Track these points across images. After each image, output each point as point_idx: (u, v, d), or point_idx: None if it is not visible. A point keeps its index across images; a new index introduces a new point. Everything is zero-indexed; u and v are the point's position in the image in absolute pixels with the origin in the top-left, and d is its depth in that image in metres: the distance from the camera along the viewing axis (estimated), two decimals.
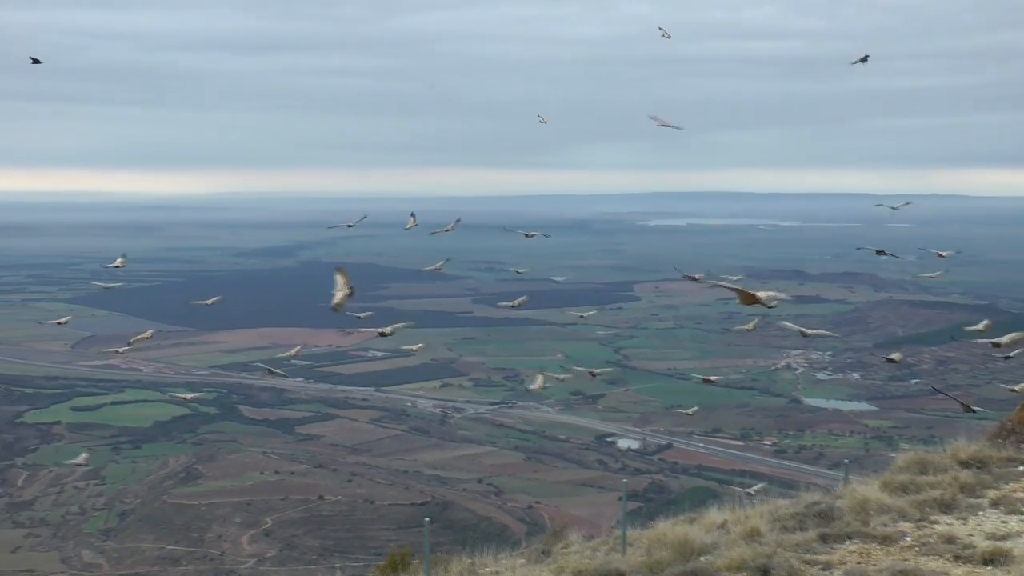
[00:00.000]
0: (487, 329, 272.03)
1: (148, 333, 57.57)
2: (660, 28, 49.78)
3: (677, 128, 37.80)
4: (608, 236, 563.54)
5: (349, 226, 48.29)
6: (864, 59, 38.54)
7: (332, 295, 28.06)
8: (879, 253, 52.33)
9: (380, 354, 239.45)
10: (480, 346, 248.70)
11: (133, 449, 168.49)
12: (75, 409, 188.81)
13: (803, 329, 44.19)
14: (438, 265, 52.77)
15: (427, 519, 24.63)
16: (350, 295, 28.47)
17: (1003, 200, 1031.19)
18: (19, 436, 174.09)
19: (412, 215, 48.29)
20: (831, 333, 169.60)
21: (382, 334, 47.35)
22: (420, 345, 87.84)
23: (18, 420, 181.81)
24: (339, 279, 28.39)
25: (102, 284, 67.99)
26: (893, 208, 53.26)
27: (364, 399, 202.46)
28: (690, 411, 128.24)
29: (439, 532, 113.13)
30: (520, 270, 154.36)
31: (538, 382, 56.70)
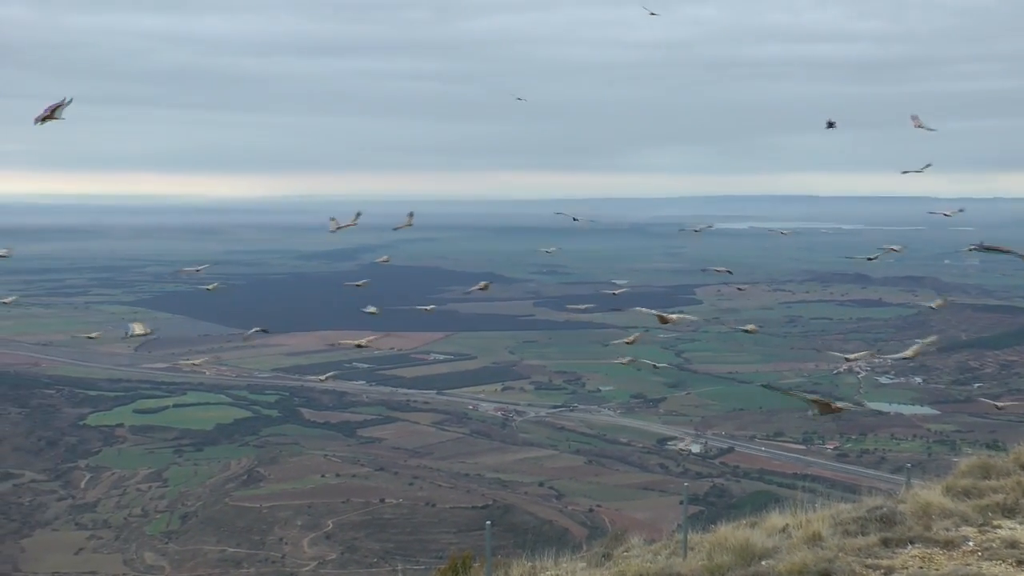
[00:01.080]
0: (548, 332, 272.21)
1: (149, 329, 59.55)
2: (644, 7, 48.56)
3: (931, 130, 37.88)
4: (669, 239, 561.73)
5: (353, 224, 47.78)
6: (831, 125, 38.61)
7: (130, 331, 41.50)
8: (870, 259, 52.59)
9: (441, 357, 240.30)
10: (542, 349, 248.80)
11: (195, 452, 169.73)
12: (138, 412, 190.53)
13: (846, 356, 44.77)
14: (347, 223, 50.50)
15: (488, 522, 24.63)
16: (149, 333, 43.21)
17: None
18: (82, 438, 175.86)
19: (334, 219, 48.08)
20: (868, 351, 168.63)
21: (359, 345, 48.96)
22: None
23: (81, 422, 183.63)
24: (134, 325, 42.51)
25: (191, 269, 67.53)
26: (947, 215, 53.36)
27: (425, 402, 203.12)
28: (625, 357, 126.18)
29: (500, 535, 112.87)
30: (548, 249, 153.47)
31: (137, 329, 56.56)
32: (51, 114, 29.85)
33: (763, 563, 19.25)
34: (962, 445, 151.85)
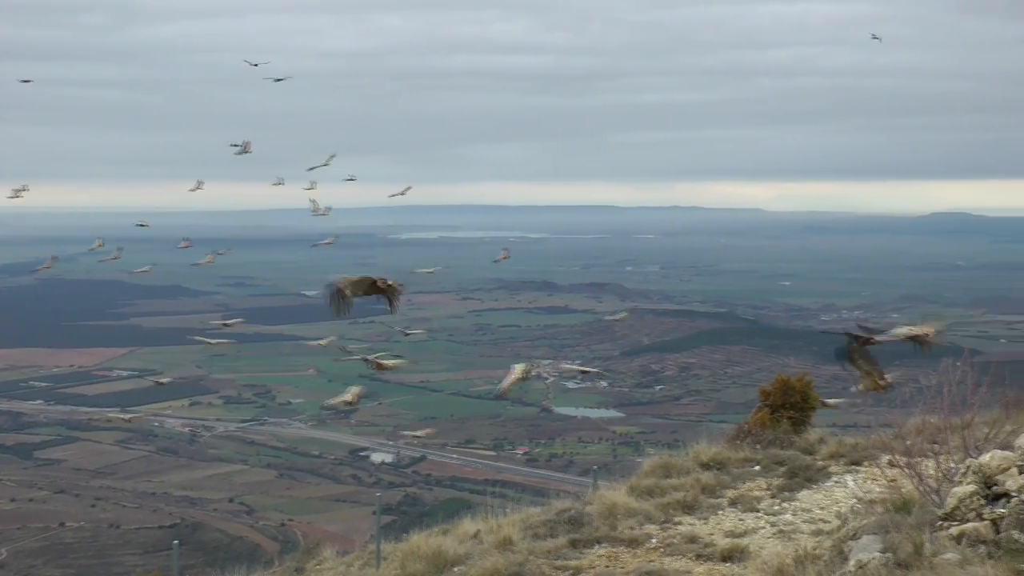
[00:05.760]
0: (237, 345, 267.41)
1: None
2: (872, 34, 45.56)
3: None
4: (359, 249, 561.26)
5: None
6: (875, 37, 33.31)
7: None
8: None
9: (126, 373, 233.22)
10: (230, 363, 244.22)
11: None
12: None
13: (584, 368, 45.65)
14: None
15: (176, 541, 24.05)
16: None
17: (738, 212, 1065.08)
18: None
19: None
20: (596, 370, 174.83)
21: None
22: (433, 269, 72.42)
23: None
24: None
25: None
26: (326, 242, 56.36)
27: (108, 420, 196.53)
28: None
29: (189, 554, 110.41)
30: (221, 251, 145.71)
31: None
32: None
33: (455, 569, 19.40)
34: (645, 446, 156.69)
